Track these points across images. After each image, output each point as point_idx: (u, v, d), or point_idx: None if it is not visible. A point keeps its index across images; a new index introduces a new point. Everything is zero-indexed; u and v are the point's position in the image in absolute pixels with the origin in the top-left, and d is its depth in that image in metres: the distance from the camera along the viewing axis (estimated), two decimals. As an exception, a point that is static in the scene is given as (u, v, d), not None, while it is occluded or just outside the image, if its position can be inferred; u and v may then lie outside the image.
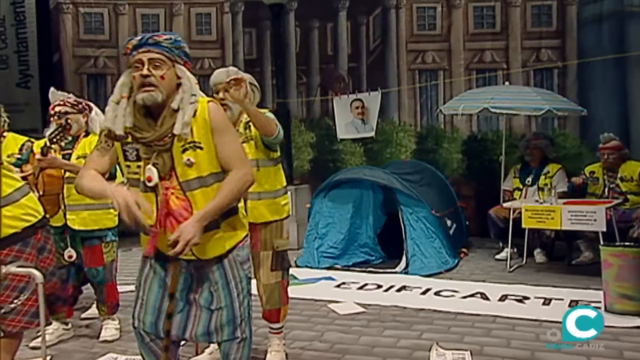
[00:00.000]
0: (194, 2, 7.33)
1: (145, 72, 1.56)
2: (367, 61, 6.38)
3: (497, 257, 4.62)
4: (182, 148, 1.60)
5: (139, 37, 1.61)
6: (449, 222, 4.70)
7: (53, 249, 1.94)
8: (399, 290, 3.88)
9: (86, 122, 2.89)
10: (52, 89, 3.08)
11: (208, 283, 1.68)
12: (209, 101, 1.65)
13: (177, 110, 1.59)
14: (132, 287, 1.81)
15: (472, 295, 3.61)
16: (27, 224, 1.86)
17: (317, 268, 4.49)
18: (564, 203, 3.93)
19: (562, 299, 3.41)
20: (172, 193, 1.61)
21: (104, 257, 2.84)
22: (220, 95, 2.35)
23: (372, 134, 5.62)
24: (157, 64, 1.57)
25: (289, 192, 5.75)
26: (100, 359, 2.62)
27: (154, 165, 1.59)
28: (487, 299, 3.54)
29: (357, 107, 5.79)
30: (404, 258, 4.37)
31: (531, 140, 4.70)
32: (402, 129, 6.05)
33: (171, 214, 1.60)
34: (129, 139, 1.63)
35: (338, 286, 4.02)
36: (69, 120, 2.77)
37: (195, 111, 1.61)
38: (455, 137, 5.79)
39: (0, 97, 7.67)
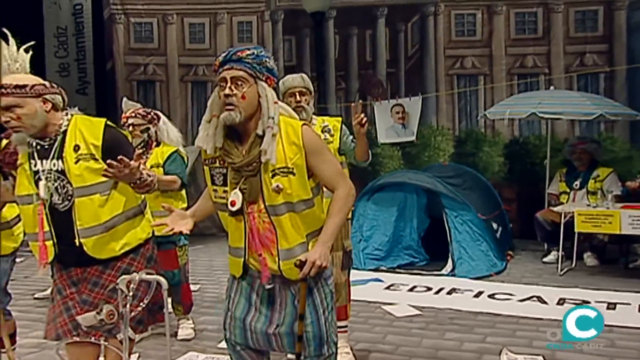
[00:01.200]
0: (236, 11, 7.34)
1: (227, 91, 1.49)
2: (405, 67, 6.26)
3: (545, 260, 4.46)
4: (272, 173, 1.53)
5: (224, 53, 1.53)
6: (494, 225, 4.56)
7: (158, 259, 1.90)
8: (449, 292, 3.78)
9: (155, 132, 2.85)
10: (124, 98, 3.09)
11: (292, 297, 1.62)
12: (303, 124, 1.57)
13: (261, 136, 1.53)
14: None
15: (528, 299, 3.48)
16: (149, 236, 1.85)
17: (363, 269, 4.42)
18: (622, 207, 3.75)
19: (629, 304, 3.25)
20: (258, 216, 1.55)
21: (179, 260, 2.84)
22: (297, 97, 2.32)
23: (413, 138, 5.50)
24: (239, 82, 1.49)
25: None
26: (181, 358, 2.61)
27: (241, 190, 1.53)
28: (544, 302, 3.41)
29: (397, 112, 5.68)
30: (449, 261, 4.26)
31: (578, 144, 4.51)
32: (440, 132, 5.91)
33: (257, 236, 1.56)
34: (217, 164, 1.58)
35: (388, 288, 3.95)
36: (151, 134, 2.75)
37: (288, 134, 1.54)
38: (496, 141, 5.62)
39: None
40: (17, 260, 5.10)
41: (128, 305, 1.66)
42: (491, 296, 3.61)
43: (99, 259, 1.73)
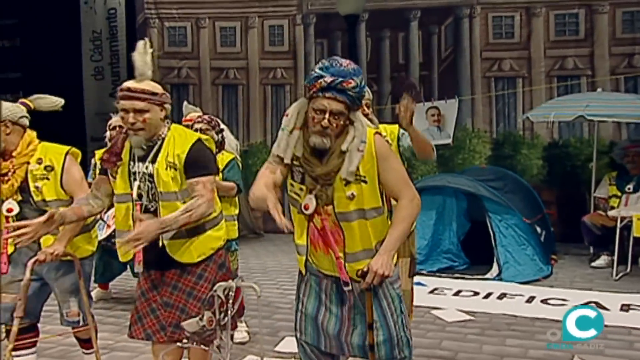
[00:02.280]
0: (268, 15, 7.34)
1: (325, 123, 1.52)
2: (439, 69, 6.18)
3: (594, 264, 4.34)
4: (345, 181, 1.57)
5: (328, 79, 1.51)
6: (538, 229, 4.45)
7: (230, 266, 1.91)
8: (499, 297, 3.68)
9: (222, 138, 2.84)
10: (185, 102, 3.09)
11: (361, 301, 1.63)
12: (375, 132, 1.61)
13: (344, 152, 1.56)
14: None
15: (585, 304, 3.37)
16: (223, 243, 1.87)
17: (404, 272, 4.35)
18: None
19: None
20: (328, 220, 1.58)
21: (231, 265, 2.82)
22: (366, 110, 2.30)
23: (449, 140, 5.42)
24: (337, 116, 1.53)
25: None
26: None
27: (316, 196, 1.57)
28: (605, 308, 3.28)
29: (432, 115, 5.61)
30: (495, 265, 4.17)
31: (630, 147, 4.37)
32: (476, 135, 5.81)
33: (324, 238, 1.58)
34: (298, 163, 1.61)
35: (432, 292, 3.86)
36: (219, 140, 2.74)
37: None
38: (535, 144, 5.50)
39: (96, 106, 8.04)
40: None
41: (230, 312, 1.69)
42: (544, 301, 3.51)
43: (178, 261, 1.76)
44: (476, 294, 3.78)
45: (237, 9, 7.36)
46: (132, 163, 1.77)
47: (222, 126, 2.92)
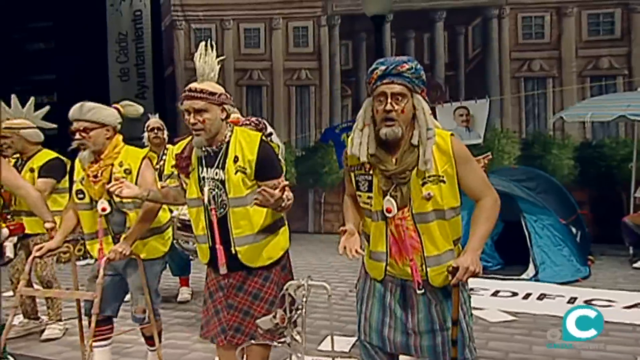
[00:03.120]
0: (292, 17, 7.36)
1: (388, 107, 1.50)
2: (466, 70, 6.14)
3: (636, 265, 4.26)
4: (422, 181, 1.53)
5: (383, 67, 1.53)
6: (573, 230, 4.39)
7: (291, 267, 1.90)
8: (539, 298, 3.63)
9: (271, 140, 2.84)
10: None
11: (425, 302, 1.61)
12: (451, 134, 1.58)
13: (416, 145, 1.53)
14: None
15: (635, 306, 3.31)
16: (288, 246, 1.88)
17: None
18: None
19: None
20: (404, 223, 1.56)
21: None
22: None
23: (480, 141, 5.38)
24: (399, 98, 1.51)
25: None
26: None
27: (391, 196, 1.54)
28: (654, 310, 3.24)
29: (461, 115, 5.56)
30: (530, 265, 4.11)
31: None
32: (505, 135, 5.76)
33: (402, 242, 1.56)
34: (362, 171, 1.58)
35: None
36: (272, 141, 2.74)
37: (438, 144, 1.54)
38: (566, 144, 5.43)
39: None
40: (90, 262, 5.18)
41: (304, 310, 1.67)
42: (588, 302, 3.45)
43: (250, 266, 1.76)
44: (514, 294, 3.72)
45: (262, 10, 7.39)
46: (201, 168, 1.77)
47: (270, 129, 2.91)
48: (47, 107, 3.02)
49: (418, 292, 1.57)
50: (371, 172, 1.56)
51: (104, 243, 2.05)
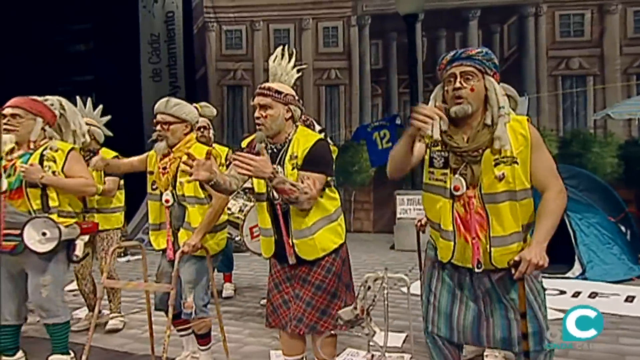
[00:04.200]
0: (322, 17, 7.37)
1: (456, 84, 1.53)
2: (501, 68, 6.01)
3: (688, 265, 4.13)
4: (495, 161, 1.52)
5: (452, 53, 1.58)
6: (622, 228, 4.28)
7: (349, 262, 1.91)
8: (591, 296, 3.54)
9: None
10: None
11: (499, 292, 1.59)
12: (527, 119, 1.59)
13: (489, 125, 1.54)
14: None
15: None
16: (343, 240, 1.88)
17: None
18: None
19: None
20: (471, 202, 1.55)
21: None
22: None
23: (517, 139, 5.28)
24: (468, 76, 1.54)
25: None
26: (342, 354, 2.47)
27: (461, 175, 1.55)
28: None
29: (498, 113, 5.49)
30: (576, 264, 4.02)
31: None
32: (542, 133, 5.59)
33: (468, 223, 1.55)
34: (439, 147, 1.59)
35: (516, 290, 3.76)
36: None
37: (514, 127, 1.54)
38: (609, 142, 5.32)
39: (153, 106, 8.16)
40: (131, 258, 5.25)
41: (386, 302, 1.69)
42: (647, 302, 3.35)
43: (310, 260, 1.81)
44: (562, 292, 3.63)
45: (291, 11, 7.43)
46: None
47: (317, 127, 2.90)
48: (108, 117, 3.07)
49: (476, 269, 1.55)
50: (448, 149, 1.57)
51: (164, 236, 2.10)
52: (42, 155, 2.12)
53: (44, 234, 2.07)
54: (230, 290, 3.83)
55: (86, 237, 2.22)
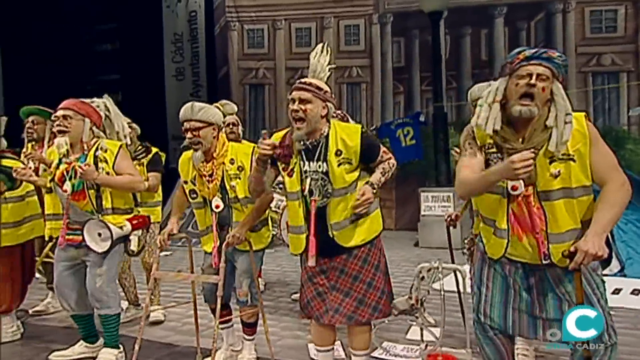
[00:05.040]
0: (343, 15, 7.36)
1: (532, 81, 1.49)
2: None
3: None
4: (550, 159, 1.50)
5: (533, 50, 1.54)
6: (661, 226, 4.17)
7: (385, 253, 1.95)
8: (634, 293, 3.45)
9: None
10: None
11: (553, 284, 1.56)
12: (584, 116, 1.55)
13: (548, 127, 1.51)
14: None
15: None
16: (380, 229, 1.92)
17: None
18: None
19: None
20: (528, 201, 1.53)
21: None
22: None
23: (546, 137, 5.20)
24: (543, 77, 1.50)
25: (451, 193, 5.31)
26: (379, 348, 2.43)
27: None
28: None
29: (525, 111, 5.41)
30: (614, 261, 3.92)
31: None
32: (571, 132, 5.54)
33: (524, 219, 1.53)
34: (494, 149, 1.56)
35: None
36: None
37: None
38: (644, 138, 5.20)
39: (176, 105, 8.26)
40: (167, 253, 5.31)
41: (442, 293, 1.70)
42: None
43: (344, 247, 1.84)
44: (601, 290, 3.57)
45: (313, 9, 7.44)
46: (302, 162, 1.83)
47: (352, 122, 2.90)
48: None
49: (543, 262, 1.52)
50: (502, 151, 1.54)
51: (214, 237, 2.14)
52: (95, 157, 2.20)
53: (99, 234, 2.16)
54: (261, 286, 3.86)
55: (139, 231, 2.27)
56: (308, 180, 1.81)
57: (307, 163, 1.83)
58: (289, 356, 2.36)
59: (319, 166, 1.80)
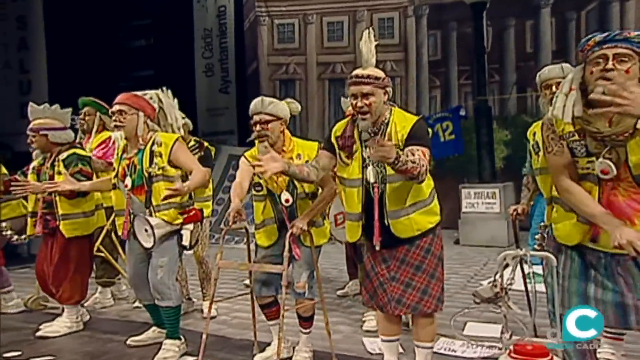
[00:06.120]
0: (377, 8, 7.27)
1: (608, 66, 1.45)
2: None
3: None
4: None
5: (604, 35, 1.50)
6: None
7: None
8: None
9: None
10: (342, 98, 3.12)
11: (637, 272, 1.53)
12: None
13: None
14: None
15: None
16: (439, 220, 1.93)
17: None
18: None
19: None
20: (620, 186, 1.50)
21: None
22: (554, 89, 2.11)
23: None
24: (623, 59, 1.46)
25: (497, 189, 5.17)
26: (437, 344, 2.39)
27: (606, 159, 1.49)
28: None
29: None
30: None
31: None
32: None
33: (615, 206, 1.50)
34: (576, 137, 1.53)
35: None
36: None
37: None
38: None
39: (206, 101, 8.41)
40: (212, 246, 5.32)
41: (533, 282, 1.61)
42: None
43: (401, 238, 1.84)
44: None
45: (345, 3, 7.37)
46: (363, 149, 1.85)
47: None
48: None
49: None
50: (584, 137, 1.52)
51: (271, 232, 2.18)
52: (151, 151, 2.22)
53: (145, 230, 2.21)
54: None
55: (191, 226, 2.27)
56: (369, 167, 1.83)
57: (365, 150, 1.85)
58: (344, 350, 2.36)
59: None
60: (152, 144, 2.24)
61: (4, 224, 2.86)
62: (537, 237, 2.17)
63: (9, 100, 6.59)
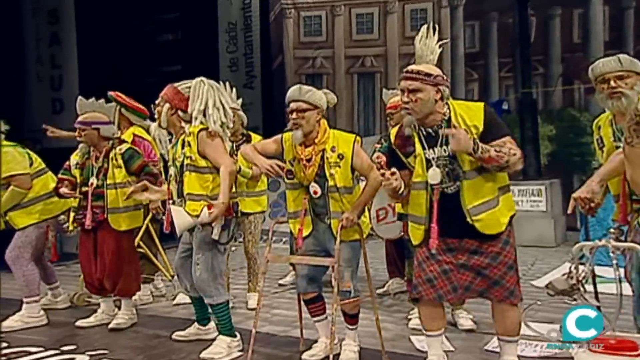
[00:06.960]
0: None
1: None
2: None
3: None
4: None
5: None
6: None
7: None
8: None
9: None
10: (384, 89, 3.05)
11: None
12: None
13: None
14: None
15: None
16: (515, 210, 1.90)
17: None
18: None
19: None
20: None
21: None
22: (612, 84, 1.96)
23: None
24: None
25: (543, 186, 4.99)
26: (489, 342, 2.33)
27: None
28: None
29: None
30: None
31: None
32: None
33: None
34: None
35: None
36: None
37: None
38: None
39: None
40: (234, 248, 5.33)
41: (617, 273, 1.61)
42: None
43: (488, 234, 1.80)
44: None
45: (375, -6, 7.28)
46: (424, 150, 1.83)
47: None
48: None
49: None
50: None
51: (304, 223, 2.15)
52: (183, 142, 2.27)
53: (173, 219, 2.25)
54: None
55: (222, 220, 2.23)
56: (433, 168, 1.80)
57: (430, 150, 1.82)
58: (392, 347, 2.33)
59: (444, 150, 1.80)
60: (184, 135, 2.28)
61: (62, 217, 2.88)
62: (611, 230, 2.01)
63: (41, 96, 6.60)
